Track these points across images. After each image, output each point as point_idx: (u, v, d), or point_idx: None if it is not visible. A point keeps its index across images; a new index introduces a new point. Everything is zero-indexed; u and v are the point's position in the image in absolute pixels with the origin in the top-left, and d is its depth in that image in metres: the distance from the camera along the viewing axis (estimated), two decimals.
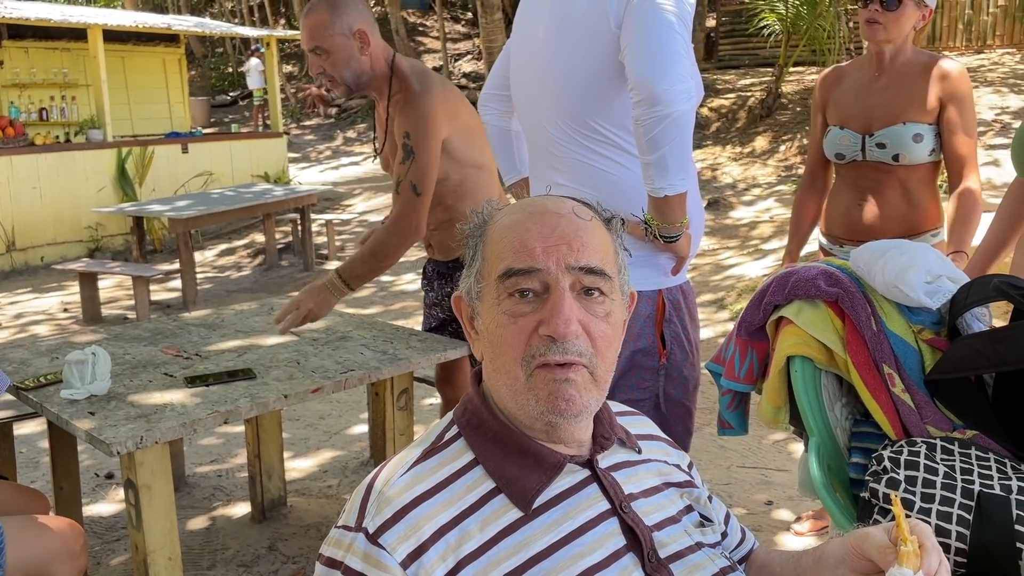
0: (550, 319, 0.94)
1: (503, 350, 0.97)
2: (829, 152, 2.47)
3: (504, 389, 0.99)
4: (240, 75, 19.74)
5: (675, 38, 1.65)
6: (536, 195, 1.09)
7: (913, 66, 2.36)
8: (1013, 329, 1.41)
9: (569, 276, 0.96)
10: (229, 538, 2.98)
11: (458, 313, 1.07)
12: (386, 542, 0.91)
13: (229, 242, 9.78)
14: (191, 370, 2.35)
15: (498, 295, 0.97)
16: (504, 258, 0.97)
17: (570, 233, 0.97)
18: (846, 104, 2.44)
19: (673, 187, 1.68)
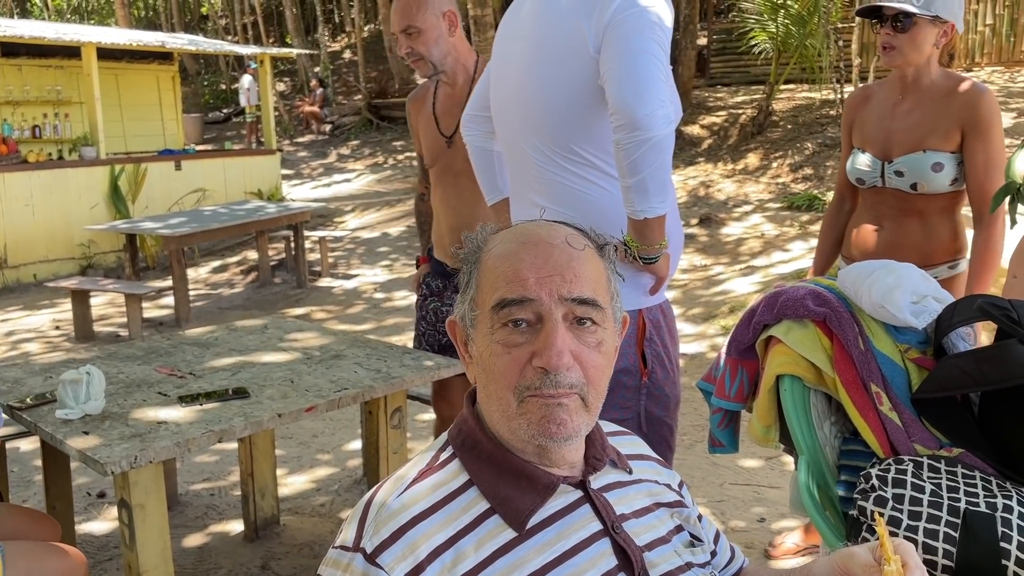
0: (543, 351, 0.95)
1: (496, 378, 0.98)
2: (851, 176, 2.41)
3: (496, 414, 1.01)
4: (233, 92, 19.81)
5: (654, 63, 1.67)
6: (529, 221, 1.09)
7: (937, 90, 2.24)
8: (997, 349, 1.44)
9: (562, 307, 0.97)
10: (222, 557, 2.97)
11: (453, 337, 1.09)
12: (384, 561, 0.92)
13: (222, 259, 9.77)
14: (185, 389, 2.36)
15: (491, 324, 0.99)
16: (497, 288, 0.99)
17: (563, 264, 0.99)
18: (869, 127, 2.37)
19: (653, 210, 1.70)
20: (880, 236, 2.36)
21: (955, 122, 2.19)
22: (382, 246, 9.62)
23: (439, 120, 2.74)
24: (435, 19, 2.57)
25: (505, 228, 1.07)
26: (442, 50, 2.61)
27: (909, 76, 2.28)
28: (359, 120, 17.00)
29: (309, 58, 19.71)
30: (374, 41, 19.96)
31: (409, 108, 2.90)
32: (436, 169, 2.79)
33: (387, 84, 17.58)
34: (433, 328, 2.86)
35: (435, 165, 2.79)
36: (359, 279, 8.45)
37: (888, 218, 2.35)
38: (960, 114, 2.19)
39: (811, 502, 1.52)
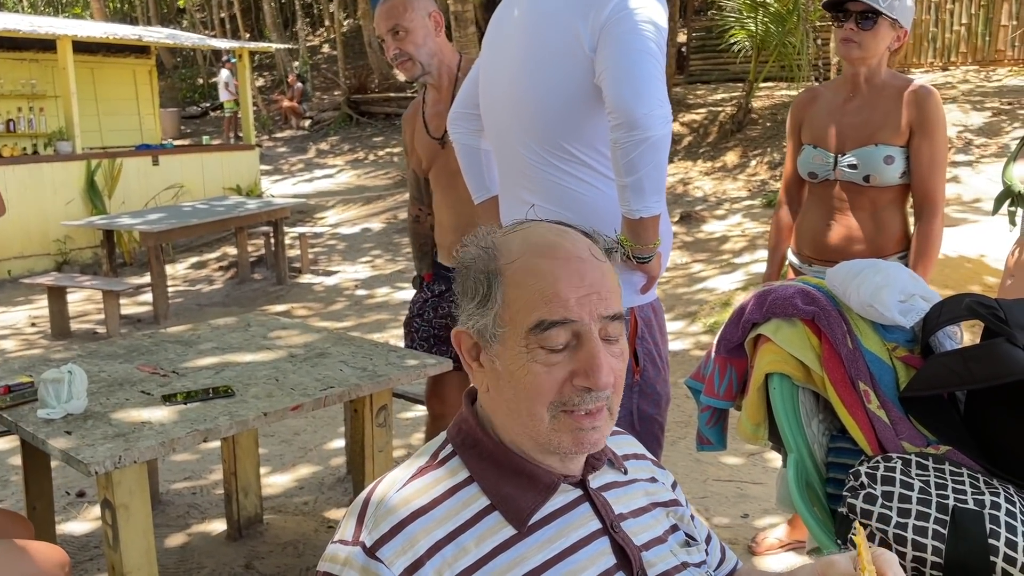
0: (590, 372, 0.95)
1: (531, 395, 0.97)
2: (803, 170, 2.47)
3: (517, 425, 0.99)
4: (211, 86, 19.63)
5: (652, 63, 1.68)
6: (533, 223, 1.06)
7: (888, 88, 2.35)
8: (984, 348, 1.45)
9: (598, 325, 0.97)
10: (205, 556, 2.95)
11: (457, 346, 1.06)
12: (384, 555, 0.92)
13: (200, 255, 9.69)
14: (168, 388, 2.34)
15: (527, 344, 0.97)
16: (535, 307, 0.96)
17: (598, 281, 0.98)
18: (820, 123, 2.45)
19: (648, 209, 1.71)
20: (833, 230, 2.42)
21: (904, 119, 2.30)
22: (364, 242, 9.57)
23: (428, 124, 2.74)
24: (422, 19, 2.57)
25: (513, 233, 1.04)
26: (429, 50, 2.61)
27: (862, 75, 2.36)
28: (339, 115, 16.90)
29: (288, 53, 19.58)
30: (353, 36, 19.85)
31: (404, 128, 2.92)
32: (433, 172, 2.79)
33: (367, 79, 17.50)
34: (429, 324, 2.85)
35: (431, 168, 2.79)
36: (340, 275, 8.40)
37: (840, 211, 2.41)
38: (909, 112, 2.30)
39: (800, 499, 1.53)
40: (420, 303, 2.90)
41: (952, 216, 7.39)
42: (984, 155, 8.65)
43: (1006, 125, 9.19)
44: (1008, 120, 9.32)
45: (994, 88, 10.73)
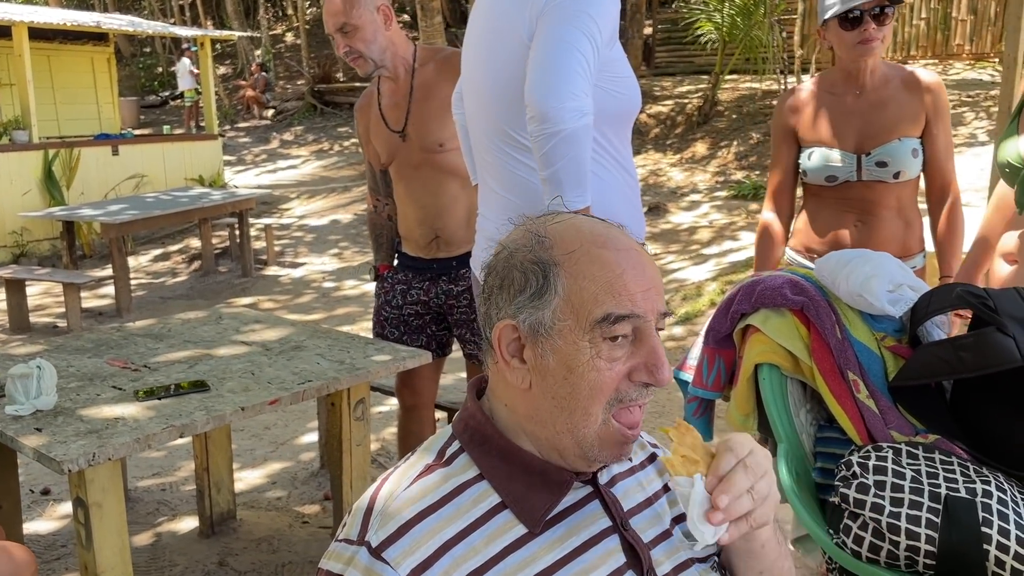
0: (654, 369, 0.93)
1: (588, 392, 0.93)
2: (818, 175, 2.31)
3: (563, 424, 0.95)
4: (171, 75, 19.26)
5: (574, 55, 1.63)
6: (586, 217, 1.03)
7: (892, 80, 2.29)
8: (975, 337, 1.46)
9: (656, 320, 0.96)
10: (177, 554, 2.89)
11: (497, 340, 0.99)
12: (390, 556, 0.89)
13: (163, 247, 9.52)
14: (141, 383, 2.27)
15: (591, 338, 0.93)
16: (602, 301, 0.93)
17: (654, 275, 0.97)
18: (831, 125, 2.32)
19: (571, 203, 1.67)
20: (859, 233, 2.31)
21: (921, 108, 2.26)
22: (331, 234, 9.48)
23: (386, 117, 2.70)
24: (370, 14, 2.52)
25: (556, 224, 0.99)
26: (380, 45, 2.57)
27: (869, 69, 2.28)
28: (302, 105, 16.70)
29: (250, 41, 19.28)
30: (317, 25, 19.58)
31: (358, 118, 2.86)
32: (394, 166, 2.75)
33: (331, 69, 17.30)
34: (399, 311, 2.81)
35: (392, 161, 2.75)
36: (307, 267, 8.31)
37: (866, 213, 2.31)
38: (924, 100, 2.26)
39: (790, 488, 1.53)
40: (388, 289, 2.85)
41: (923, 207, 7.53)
42: None
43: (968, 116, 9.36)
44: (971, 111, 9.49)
45: (954, 81, 10.93)
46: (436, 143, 2.61)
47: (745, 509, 0.92)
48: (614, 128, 1.88)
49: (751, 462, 0.94)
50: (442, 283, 2.73)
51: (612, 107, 1.82)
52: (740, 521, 0.93)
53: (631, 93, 1.88)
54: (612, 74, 1.81)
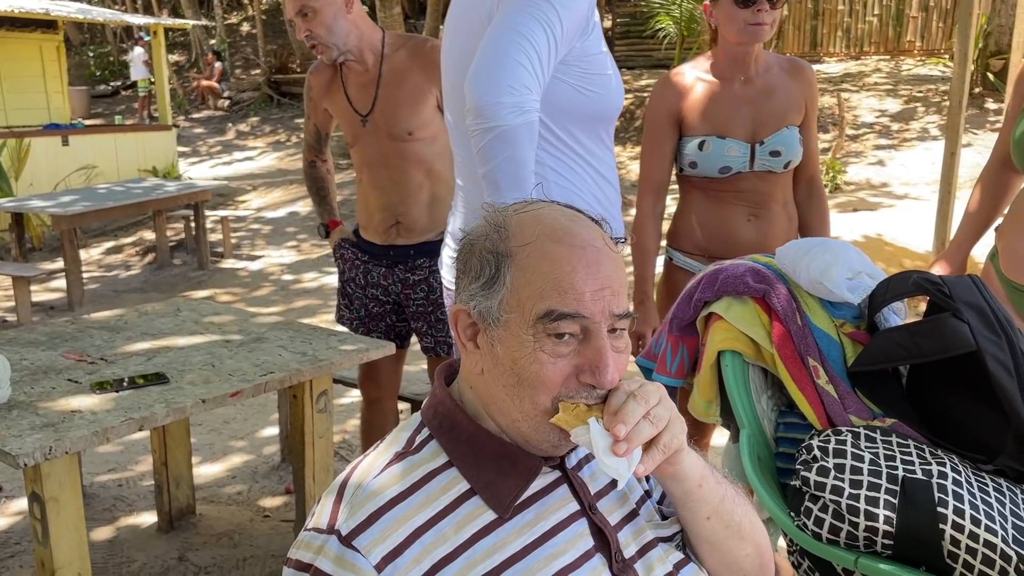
0: (597, 371, 0.92)
1: (534, 385, 0.94)
2: (711, 166, 2.18)
3: (517, 412, 0.96)
4: (122, 64, 18.86)
5: (520, 45, 1.52)
6: (549, 206, 1.01)
7: (773, 66, 2.24)
8: (931, 323, 1.50)
9: (608, 322, 0.94)
10: (135, 550, 2.84)
11: (454, 326, 1.02)
12: (360, 544, 0.89)
13: (116, 240, 9.32)
14: (97, 375, 2.23)
15: (534, 332, 0.93)
16: (546, 297, 0.93)
17: (611, 274, 0.95)
18: (721, 112, 2.19)
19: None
20: (754, 229, 2.23)
21: (802, 96, 2.24)
22: (288, 226, 9.37)
23: (352, 98, 2.66)
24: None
25: (524, 213, 0.99)
26: (343, 29, 2.52)
27: (754, 55, 2.20)
28: (259, 96, 16.47)
29: (204, 31, 18.95)
30: (273, 14, 19.32)
31: (311, 81, 2.78)
32: (357, 150, 2.72)
33: (287, 59, 17.07)
34: (363, 291, 2.79)
35: (355, 145, 2.72)
36: (265, 260, 8.21)
37: (758, 206, 2.23)
38: (805, 89, 2.25)
39: (753, 473, 1.55)
40: (350, 265, 2.81)
41: (869, 200, 7.67)
42: (903, 140, 8.98)
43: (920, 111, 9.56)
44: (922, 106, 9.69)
45: (906, 77, 11.15)
46: (405, 131, 2.59)
47: (647, 434, 0.91)
48: (586, 129, 1.77)
49: (640, 392, 0.93)
50: (398, 271, 2.71)
51: (582, 106, 1.72)
52: (651, 450, 0.92)
53: (607, 92, 1.76)
54: (584, 70, 1.70)
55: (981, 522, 1.32)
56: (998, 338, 1.44)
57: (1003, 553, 1.30)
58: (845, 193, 7.95)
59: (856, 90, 10.59)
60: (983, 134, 8.50)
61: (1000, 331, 1.45)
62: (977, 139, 8.36)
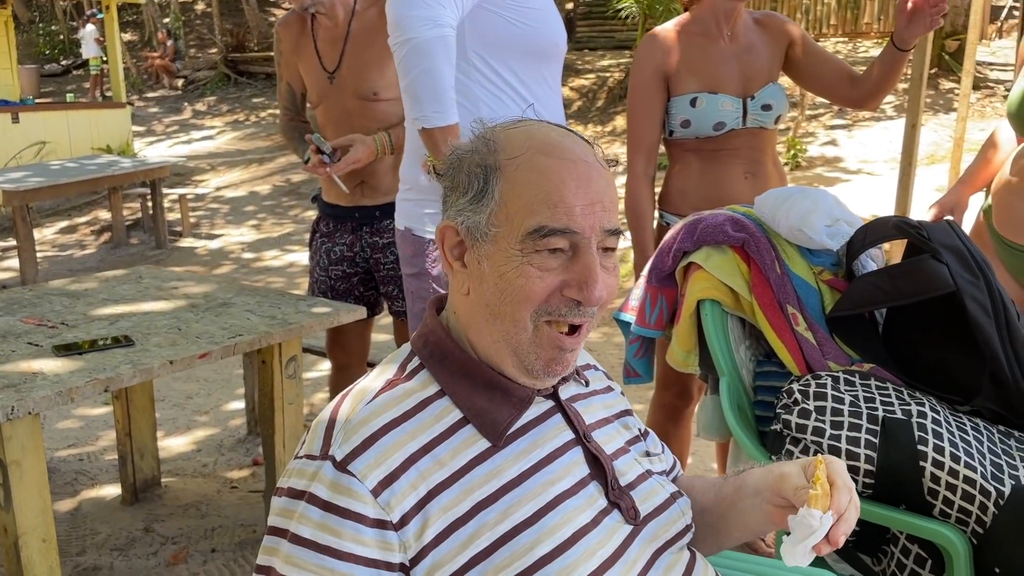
0: (584, 286, 0.91)
1: (519, 299, 0.92)
2: (705, 123, 2.14)
3: (499, 334, 0.94)
4: (73, 43, 18.34)
5: None
6: (541, 123, 1.00)
7: (749, 23, 2.23)
8: (910, 264, 1.51)
9: (598, 238, 0.93)
10: (99, 522, 2.78)
11: (439, 241, 0.99)
12: (356, 469, 0.86)
13: (70, 219, 9.09)
14: (59, 339, 2.16)
15: (522, 247, 0.91)
16: (536, 211, 0.91)
17: (603, 190, 0.93)
18: (711, 68, 2.16)
19: (427, 119, 1.64)
20: (750, 187, 2.16)
21: (779, 51, 2.24)
22: (248, 205, 9.21)
23: (321, 54, 2.59)
24: None
25: (513, 129, 0.98)
26: None
27: (739, 9, 2.18)
28: (215, 75, 16.13)
29: (158, 8, 18.50)
30: None
31: (280, 33, 2.70)
32: (322, 108, 2.66)
33: (244, 37, 16.75)
34: (325, 273, 2.73)
35: (321, 104, 2.65)
36: (224, 239, 8.07)
37: (753, 163, 2.20)
38: (780, 39, 2.24)
39: (734, 419, 1.56)
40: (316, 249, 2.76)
41: (825, 176, 7.78)
42: (860, 119, 9.10)
43: None
44: None
45: (863, 59, 11.29)
46: (371, 91, 2.53)
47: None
48: (526, 66, 1.80)
49: (856, 499, 0.94)
50: (365, 235, 2.65)
51: (516, 38, 1.75)
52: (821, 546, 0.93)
53: (540, 26, 1.78)
54: (515, 1, 1.74)
55: (960, 459, 1.33)
56: (976, 279, 1.45)
57: (982, 488, 1.31)
58: (804, 170, 8.05)
59: None
60: (938, 115, 8.65)
61: (978, 272, 1.46)
62: (932, 119, 8.50)
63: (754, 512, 1.02)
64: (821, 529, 0.89)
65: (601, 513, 0.95)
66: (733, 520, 1.07)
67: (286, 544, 0.86)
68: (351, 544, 0.84)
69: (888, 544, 1.46)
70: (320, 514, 0.85)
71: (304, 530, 0.85)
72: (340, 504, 0.85)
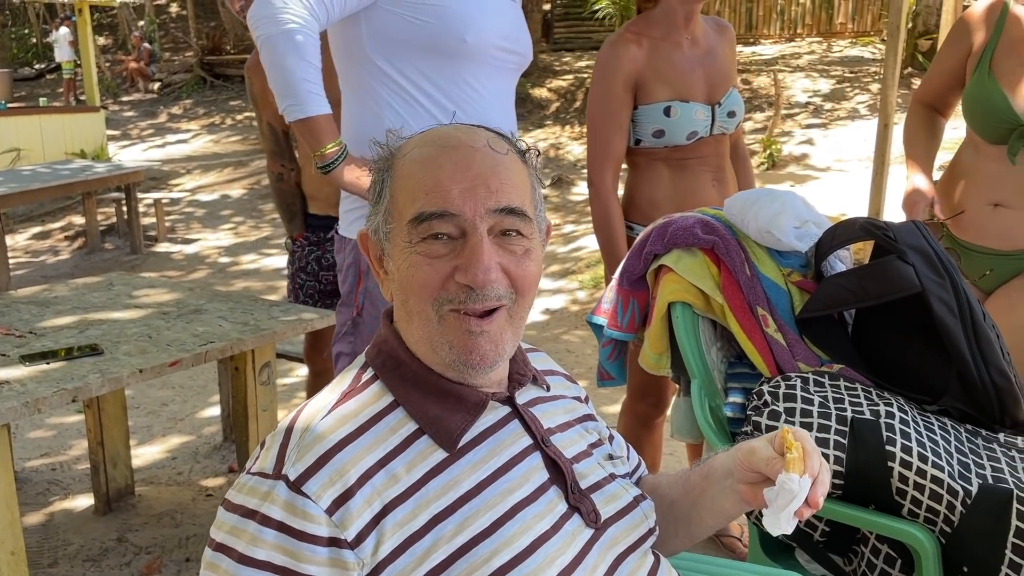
0: (468, 267, 0.89)
1: (415, 291, 0.92)
2: (679, 132, 2.07)
3: (418, 331, 0.95)
4: (46, 46, 18.14)
5: None
6: (446, 124, 1.03)
7: (704, 26, 2.18)
8: (877, 266, 1.52)
9: (488, 220, 0.91)
10: (71, 533, 2.74)
11: (364, 251, 1.01)
12: (310, 490, 0.85)
13: (43, 225, 8.99)
14: (27, 348, 2.13)
15: (410, 238, 0.92)
16: (416, 199, 0.91)
17: (487, 171, 0.92)
18: (679, 76, 2.09)
19: (287, 112, 1.65)
20: (718, 193, 2.14)
21: (733, 56, 2.26)
22: (224, 209, 9.15)
23: None
24: None
25: (423, 132, 0.99)
26: None
27: (697, 12, 2.12)
28: (191, 78, 16.01)
29: (132, 11, 18.33)
30: None
31: (250, 77, 2.70)
32: None
33: (221, 40, 16.64)
34: (315, 278, 2.72)
35: None
36: (201, 243, 8.01)
37: (719, 170, 2.18)
38: (732, 48, 2.26)
39: (705, 422, 1.56)
40: (301, 257, 2.77)
41: (798, 174, 7.84)
42: (833, 119, 9.17)
43: (850, 91, 9.78)
44: (851, 86, 9.91)
45: (837, 58, 11.39)
46: None
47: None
48: (432, 63, 1.70)
49: (825, 462, 0.94)
50: None
51: (410, 35, 1.67)
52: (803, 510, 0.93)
53: (439, 22, 1.66)
54: None
55: (928, 459, 1.34)
56: (942, 279, 1.46)
57: (950, 488, 1.32)
58: (778, 168, 8.10)
59: (790, 71, 10.77)
60: None
61: (944, 273, 1.48)
62: None
63: (726, 495, 1.02)
64: (801, 493, 0.89)
65: (561, 519, 0.94)
66: (705, 507, 1.06)
67: (230, 563, 0.85)
68: (307, 565, 0.83)
69: (858, 544, 1.47)
70: (274, 535, 0.84)
71: (258, 552, 0.84)
72: (294, 526, 0.84)
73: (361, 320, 1.78)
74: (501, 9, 1.78)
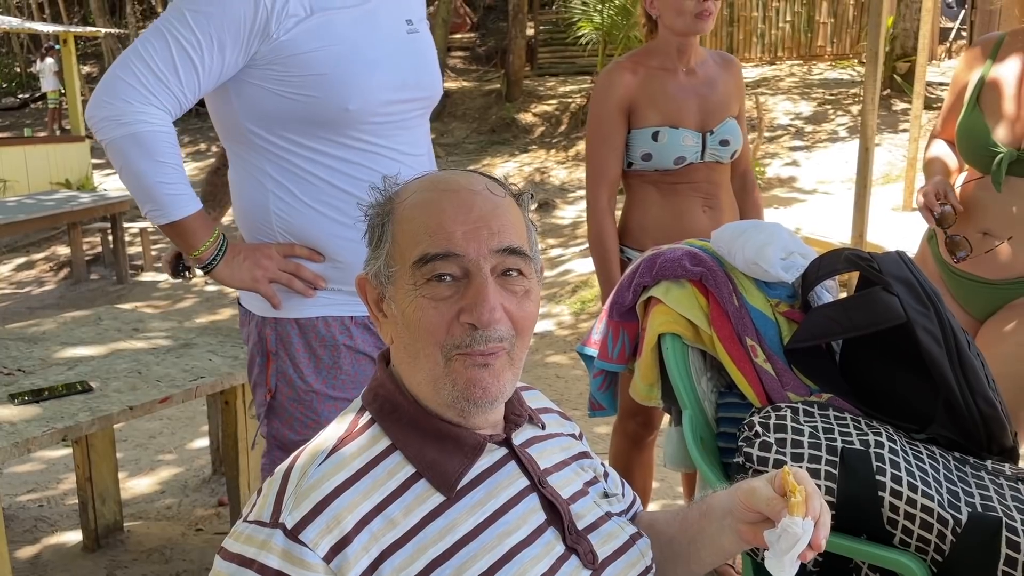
0: (474, 308, 0.91)
1: (422, 335, 0.93)
2: (666, 157, 2.14)
3: (422, 374, 0.95)
4: (30, 76, 18.14)
5: (124, 60, 1.47)
6: (443, 171, 1.05)
7: (708, 59, 2.25)
8: (862, 297, 1.54)
9: (491, 260, 0.93)
10: (59, 571, 2.71)
11: (362, 295, 1.02)
12: (307, 538, 0.86)
13: (27, 255, 8.94)
14: (15, 386, 2.13)
15: (415, 280, 0.93)
16: (420, 241, 0.93)
17: (488, 213, 0.94)
18: (671, 102, 2.16)
19: (151, 218, 1.56)
20: (710, 220, 2.19)
21: (736, 89, 2.28)
22: None
23: None
24: None
25: (418, 179, 1.01)
26: None
27: (692, 44, 2.19)
28: None
29: (117, 40, 18.37)
30: None
31: None
32: None
33: None
34: None
35: None
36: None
37: (711, 197, 2.23)
38: (737, 82, 2.30)
39: (698, 452, 1.57)
40: None
41: (782, 196, 7.91)
42: (815, 141, 9.28)
43: (831, 113, 9.90)
44: (833, 109, 10.03)
45: (817, 81, 11.53)
46: None
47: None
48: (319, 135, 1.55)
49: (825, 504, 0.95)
50: None
51: (293, 111, 1.52)
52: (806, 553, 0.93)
53: (325, 94, 1.51)
54: (283, 73, 1.50)
55: (918, 488, 1.36)
56: (927, 310, 1.49)
57: (940, 517, 1.34)
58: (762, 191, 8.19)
59: (772, 94, 10.90)
60: (891, 135, 8.85)
61: (928, 303, 1.50)
62: (886, 139, 8.69)
63: (725, 533, 1.03)
64: (805, 536, 0.90)
65: (559, 560, 0.95)
66: (703, 544, 1.07)
67: None
68: None
69: (851, 573, 1.47)
70: None
71: None
72: (292, 574, 0.84)
73: (276, 403, 1.63)
74: (394, 56, 1.58)
